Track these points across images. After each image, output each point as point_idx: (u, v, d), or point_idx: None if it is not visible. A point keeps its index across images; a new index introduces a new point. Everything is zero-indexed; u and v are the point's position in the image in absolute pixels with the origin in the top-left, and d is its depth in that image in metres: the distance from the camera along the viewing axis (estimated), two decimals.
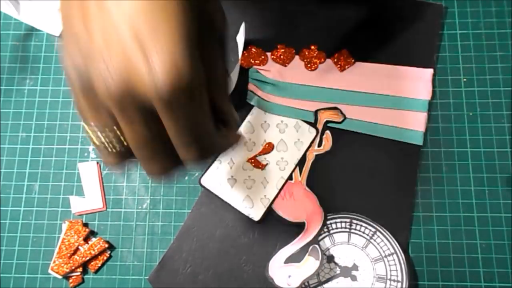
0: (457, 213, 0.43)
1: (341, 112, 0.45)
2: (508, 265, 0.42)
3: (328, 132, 0.45)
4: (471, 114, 0.46)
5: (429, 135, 0.45)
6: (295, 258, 0.42)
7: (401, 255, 0.41)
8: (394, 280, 0.40)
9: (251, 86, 0.46)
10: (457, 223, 0.43)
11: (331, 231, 0.42)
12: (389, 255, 0.41)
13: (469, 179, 0.44)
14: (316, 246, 0.41)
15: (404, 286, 0.40)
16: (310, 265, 0.41)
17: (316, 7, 0.49)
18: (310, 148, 0.44)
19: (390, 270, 0.41)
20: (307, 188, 0.43)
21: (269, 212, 0.43)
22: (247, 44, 0.47)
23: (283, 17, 0.49)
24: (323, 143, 0.44)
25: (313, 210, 0.43)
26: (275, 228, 0.43)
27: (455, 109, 0.46)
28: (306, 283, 0.40)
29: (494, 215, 0.43)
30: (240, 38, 0.45)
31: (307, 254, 0.41)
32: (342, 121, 0.45)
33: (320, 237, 0.41)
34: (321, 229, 0.42)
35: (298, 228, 0.42)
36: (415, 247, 0.43)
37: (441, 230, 0.43)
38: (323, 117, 0.45)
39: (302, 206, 0.43)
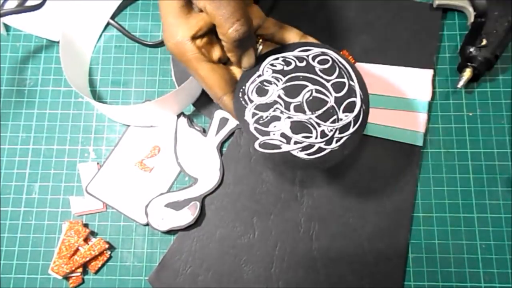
0: (457, 213, 0.43)
1: None
2: (508, 265, 0.42)
3: None
4: (471, 114, 0.46)
5: (429, 136, 0.45)
6: (175, 205, 0.43)
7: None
8: None
9: None
10: (457, 223, 0.43)
11: None
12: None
13: (469, 179, 0.44)
14: (198, 203, 0.43)
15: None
16: (184, 217, 0.43)
17: (316, 8, 0.49)
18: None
19: None
20: (216, 150, 0.45)
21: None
22: None
23: (283, 18, 0.49)
24: None
25: (210, 171, 0.44)
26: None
27: (455, 110, 0.46)
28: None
29: (494, 216, 0.43)
30: None
31: (187, 207, 0.43)
32: None
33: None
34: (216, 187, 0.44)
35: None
36: (415, 248, 0.43)
37: (441, 230, 0.43)
38: None
39: (202, 162, 0.44)
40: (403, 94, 0.45)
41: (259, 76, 0.36)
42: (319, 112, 0.34)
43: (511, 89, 0.46)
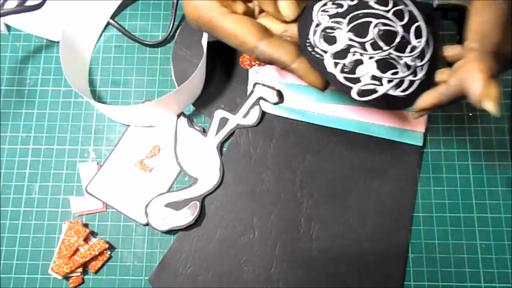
0: (457, 213, 0.43)
1: (279, 95, 0.45)
2: (508, 265, 0.42)
3: (257, 107, 0.45)
4: (471, 114, 0.46)
5: (429, 136, 0.45)
6: (175, 205, 0.43)
7: None
8: None
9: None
10: (457, 223, 0.43)
11: None
12: None
13: (469, 179, 0.44)
14: (198, 203, 0.43)
15: None
16: (184, 217, 0.43)
17: None
18: (235, 116, 0.45)
19: None
20: (216, 150, 0.45)
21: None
22: None
23: None
24: (249, 115, 0.45)
25: (210, 171, 0.44)
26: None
27: (455, 110, 0.46)
28: None
29: (494, 216, 0.43)
30: (204, 41, 0.45)
31: (187, 207, 0.43)
32: (276, 103, 0.45)
33: None
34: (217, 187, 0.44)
35: None
36: (415, 248, 0.43)
37: (441, 230, 0.43)
38: (258, 93, 0.45)
39: (202, 162, 0.44)
40: None
41: (318, 25, 0.33)
42: (394, 44, 0.33)
43: (511, 89, 0.46)
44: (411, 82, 0.32)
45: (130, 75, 0.48)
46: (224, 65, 0.48)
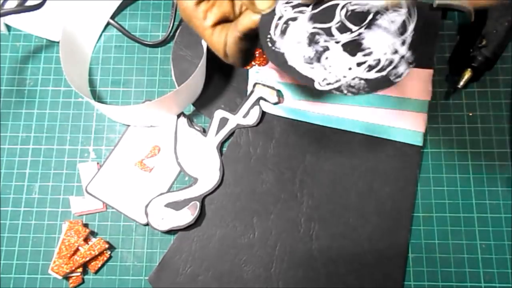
0: (457, 213, 0.43)
1: (279, 95, 0.45)
2: (508, 265, 0.42)
3: (257, 107, 0.45)
4: (470, 114, 0.46)
5: (429, 136, 0.45)
6: (175, 205, 0.43)
7: None
8: None
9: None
10: (457, 223, 0.43)
11: None
12: None
13: (469, 179, 0.44)
14: (198, 203, 0.43)
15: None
16: (184, 217, 0.43)
17: None
18: (235, 116, 0.45)
19: None
20: (216, 150, 0.45)
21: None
22: None
23: None
24: (249, 115, 0.45)
25: (210, 171, 0.44)
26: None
27: (455, 110, 0.46)
28: None
29: (494, 216, 0.43)
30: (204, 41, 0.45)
31: (187, 207, 0.43)
32: (276, 103, 0.45)
33: None
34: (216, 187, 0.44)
35: None
36: (415, 248, 0.43)
37: (441, 230, 0.43)
38: (258, 93, 0.45)
39: (202, 162, 0.44)
40: (403, 94, 0.45)
41: (280, 18, 0.31)
42: (366, 22, 0.30)
43: (511, 89, 0.46)
44: (390, 59, 0.30)
45: (130, 75, 0.48)
46: (224, 65, 0.47)
